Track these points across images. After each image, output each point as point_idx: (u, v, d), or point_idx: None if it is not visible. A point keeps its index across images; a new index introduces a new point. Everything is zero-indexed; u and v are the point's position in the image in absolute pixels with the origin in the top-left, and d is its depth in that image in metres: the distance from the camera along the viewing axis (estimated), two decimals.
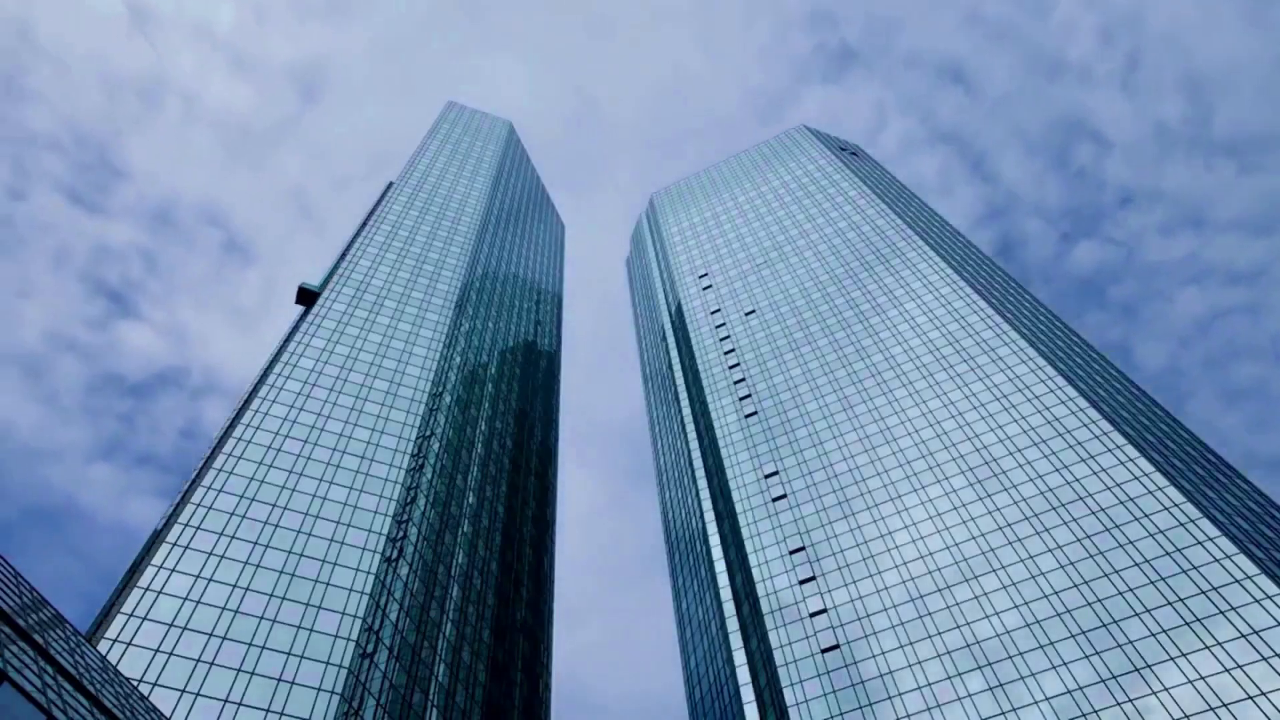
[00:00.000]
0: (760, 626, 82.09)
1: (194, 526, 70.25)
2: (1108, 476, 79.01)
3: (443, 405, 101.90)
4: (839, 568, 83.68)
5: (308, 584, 69.31)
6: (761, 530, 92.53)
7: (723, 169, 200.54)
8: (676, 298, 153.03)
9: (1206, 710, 58.64)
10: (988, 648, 70.23)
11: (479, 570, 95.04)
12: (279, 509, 75.31)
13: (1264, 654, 60.12)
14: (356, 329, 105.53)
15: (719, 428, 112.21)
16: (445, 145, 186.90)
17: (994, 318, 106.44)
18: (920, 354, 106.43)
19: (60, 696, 25.93)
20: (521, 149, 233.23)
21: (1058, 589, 71.75)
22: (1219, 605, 64.46)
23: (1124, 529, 73.71)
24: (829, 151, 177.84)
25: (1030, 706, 64.46)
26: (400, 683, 68.62)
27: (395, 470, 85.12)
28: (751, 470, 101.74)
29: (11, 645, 25.28)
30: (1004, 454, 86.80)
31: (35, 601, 32.94)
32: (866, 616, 77.67)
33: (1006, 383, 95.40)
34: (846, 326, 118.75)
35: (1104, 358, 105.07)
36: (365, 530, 76.73)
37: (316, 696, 60.48)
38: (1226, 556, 67.38)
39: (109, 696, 31.89)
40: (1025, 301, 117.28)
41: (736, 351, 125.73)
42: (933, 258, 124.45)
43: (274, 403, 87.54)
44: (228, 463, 78.01)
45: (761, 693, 77.01)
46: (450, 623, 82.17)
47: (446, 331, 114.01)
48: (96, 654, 36.52)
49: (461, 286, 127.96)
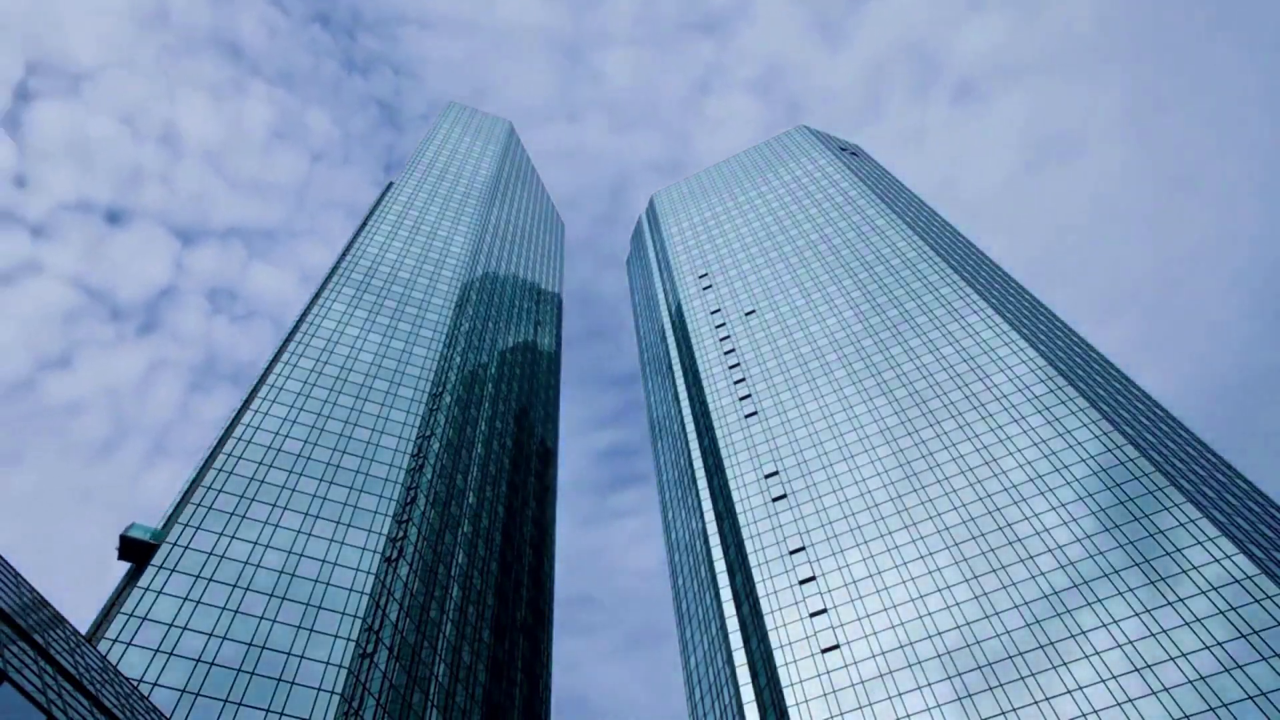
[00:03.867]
0: (760, 626, 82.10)
1: (194, 526, 70.25)
2: (1107, 476, 79.01)
3: (443, 405, 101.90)
4: (839, 568, 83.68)
5: (308, 584, 69.31)
6: (761, 530, 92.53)
7: (723, 169, 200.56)
8: (676, 298, 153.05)
9: (1207, 710, 58.65)
10: (988, 648, 70.24)
11: (479, 570, 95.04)
12: (279, 509, 75.33)
13: (1263, 654, 60.12)
14: (356, 329, 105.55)
15: (719, 428, 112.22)
16: (445, 145, 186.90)
17: (994, 318, 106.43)
18: (920, 354, 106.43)
19: (60, 696, 25.94)
20: (522, 149, 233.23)
21: (1058, 589, 71.75)
22: (1219, 605, 64.46)
23: (1124, 529, 73.70)
24: (829, 152, 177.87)
25: (1030, 706, 64.46)
26: (400, 683, 68.63)
27: (395, 470, 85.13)
28: (751, 470, 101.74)
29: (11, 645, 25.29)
30: (1004, 454, 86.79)
31: (35, 601, 32.96)
32: (867, 617, 77.66)
33: (1006, 383, 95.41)
34: (846, 326, 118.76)
35: (1092, 348, 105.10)
36: (365, 530, 76.74)
37: (316, 696, 60.50)
38: (1227, 556, 67.39)
39: (109, 696, 31.90)
40: (1026, 300, 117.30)
41: (736, 351, 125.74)
42: (932, 258, 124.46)
43: (274, 403, 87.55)
44: (228, 463, 78.02)
45: (761, 693, 77.02)
46: (450, 623, 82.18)
47: (446, 331, 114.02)
48: (96, 654, 36.52)
49: (462, 286, 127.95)
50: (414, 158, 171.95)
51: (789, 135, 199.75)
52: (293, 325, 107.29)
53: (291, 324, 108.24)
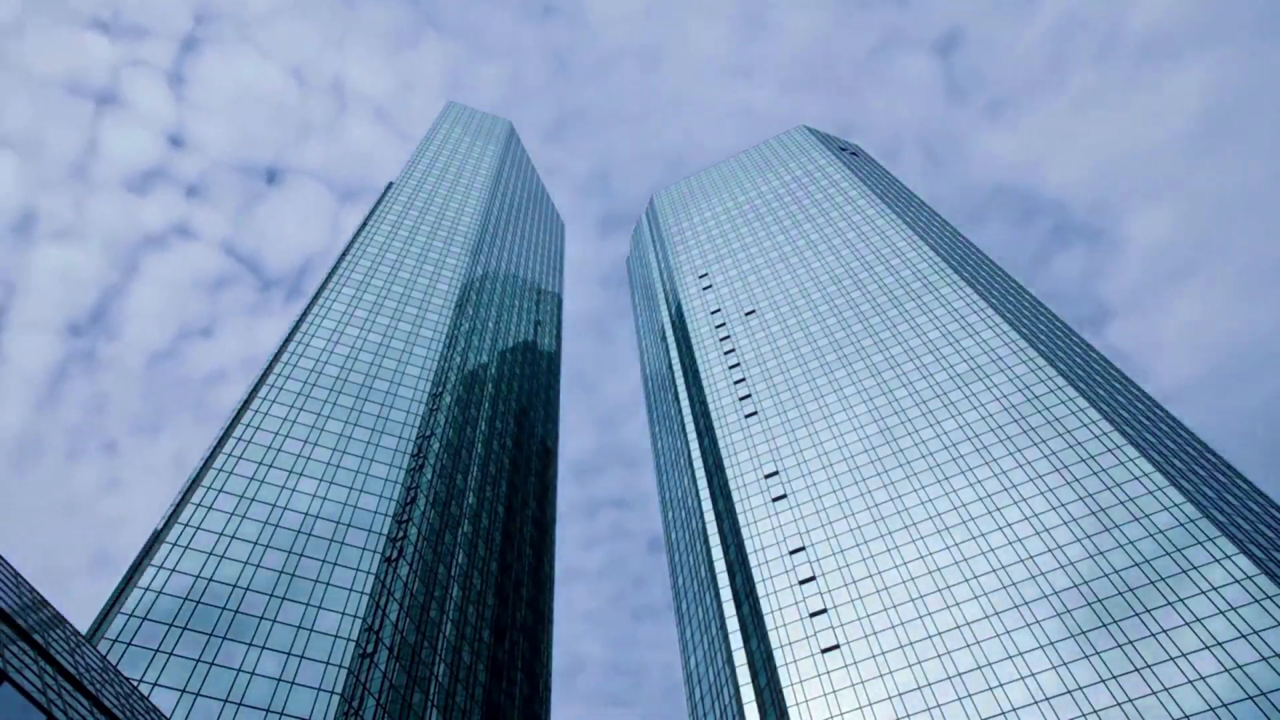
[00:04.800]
0: (760, 626, 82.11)
1: (194, 526, 70.26)
2: (1108, 477, 79.00)
3: (443, 405, 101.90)
4: (839, 568, 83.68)
5: (308, 584, 69.32)
6: (761, 530, 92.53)
7: (723, 169, 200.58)
8: (676, 298, 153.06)
9: (1207, 710, 58.64)
10: (988, 648, 70.23)
11: (479, 570, 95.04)
12: (279, 509, 75.33)
13: (1264, 654, 60.12)
14: (356, 329, 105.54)
15: (719, 428, 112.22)
16: (445, 145, 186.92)
17: (994, 318, 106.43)
18: (920, 354, 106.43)
19: (60, 696, 25.93)
20: (521, 148, 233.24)
21: (1058, 589, 71.75)
22: (1219, 605, 64.46)
23: (1124, 529, 73.70)
24: (829, 152, 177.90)
25: (1030, 707, 64.45)
26: (400, 683, 68.63)
27: (395, 470, 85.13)
28: (751, 470, 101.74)
29: (11, 645, 25.29)
30: (1003, 454, 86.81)
31: (35, 601, 32.94)
32: (866, 616, 77.66)
33: (1006, 383, 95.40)
34: (846, 326, 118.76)
35: (1092, 348, 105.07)
36: (365, 530, 76.74)
37: (316, 696, 60.50)
38: (1226, 556, 67.38)
39: (109, 696, 31.89)
40: (1026, 300, 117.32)
41: (736, 351, 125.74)
42: (932, 258, 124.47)
43: (274, 403, 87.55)
44: (228, 463, 78.02)
45: (761, 693, 77.02)
46: (450, 623, 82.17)
47: (446, 331, 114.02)
48: (96, 654, 36.51)
49: (461, 286, 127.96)
50: (414, 158, 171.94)
51: (789, 135, 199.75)
52: (293, 325, 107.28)
53: (291, 324, 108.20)
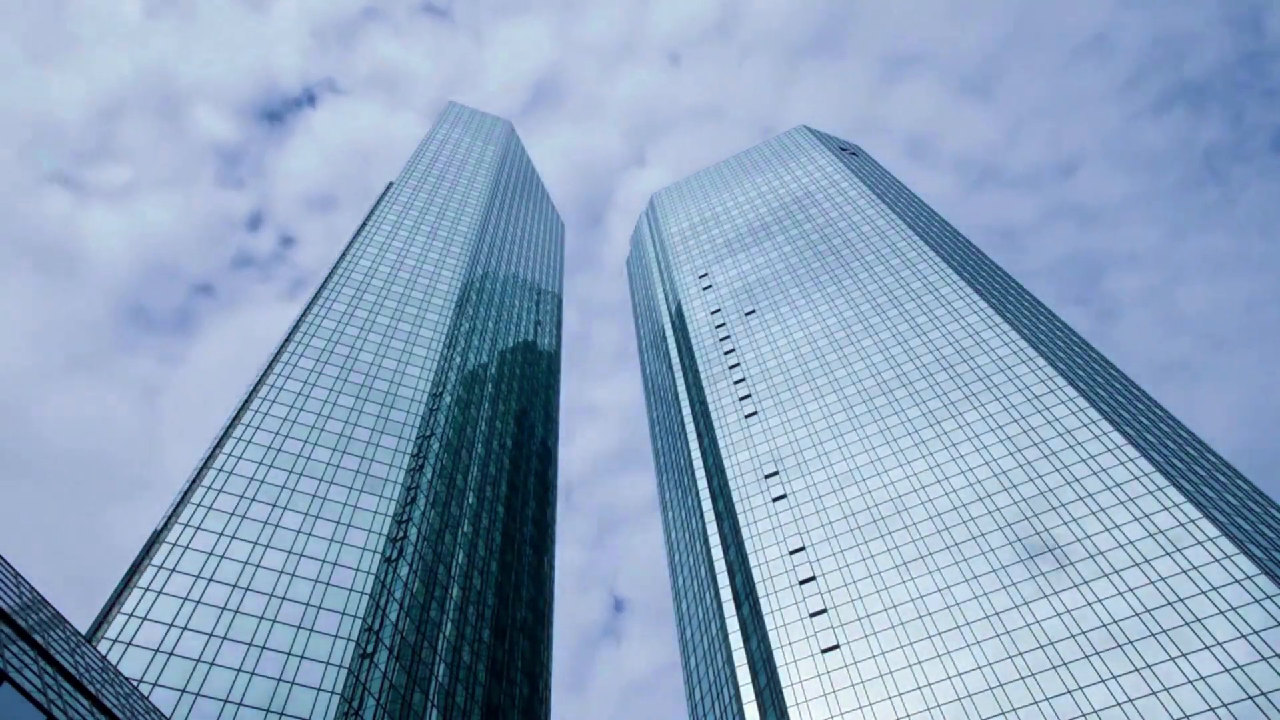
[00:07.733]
0: (760, 626, 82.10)
1: (194, 526, 70.25)
2: (1108, 477, 79.01)
3: (443, 405, 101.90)
4: (839, 568, 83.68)
5: (308, 584, 69.32)
6: (761, 530, 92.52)
7: (723, 169, 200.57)
8: (676, 298, 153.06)
9: (1206, 710, 58.64)
10: (987, 648, 70.23)
11: (479, 570, 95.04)
12: (279, 509, 75.32)
13: (1264, 654, 60.13)
14: (356, 329, 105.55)
15: (719, 428, 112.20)
16: (445, 145, 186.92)
17: (994, 318, 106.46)
18: (920, 354, 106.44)
19: (60, 696, 25.93)
20: (521, 148, 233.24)
21: (1057, 589, 71.75)
22: (1219, 605, 64.46)
23: (1124, 529, 73.71)
24: (829, 151, 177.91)
25: (1030, 707, 64.45)
26: (400, 683, 68.62)
27: (395, 470, 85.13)
28: (751, 470, 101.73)
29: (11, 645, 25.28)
30: (1003, 454, 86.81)
31: (35, 601, 32.94)
32: (867, 616, 77.65)
33: (1006, 383, 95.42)
34: (846, 326, 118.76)
35: (1092, 348, 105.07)
36: (365, 530, 76.74)
37: (316, 696, 60.50)
38: (1226, 556, 67.39)
39: (109, 696, 31.89)
40: (1026, 300, 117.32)
41: (736, 351, 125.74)
42: (932, 258, 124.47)
43: (274, 403, 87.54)
44: (228, 463, 78.02)
45: (761, 693, 77.01)
46: (450, 623, 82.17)
47: (446, 331, 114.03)
48: (96, 654, 36.51)
49: (461, 286, 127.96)
50: (413, 158, 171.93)
51: (789, 135, 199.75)
52: (292, 325, 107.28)
53: (291, 324, 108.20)
